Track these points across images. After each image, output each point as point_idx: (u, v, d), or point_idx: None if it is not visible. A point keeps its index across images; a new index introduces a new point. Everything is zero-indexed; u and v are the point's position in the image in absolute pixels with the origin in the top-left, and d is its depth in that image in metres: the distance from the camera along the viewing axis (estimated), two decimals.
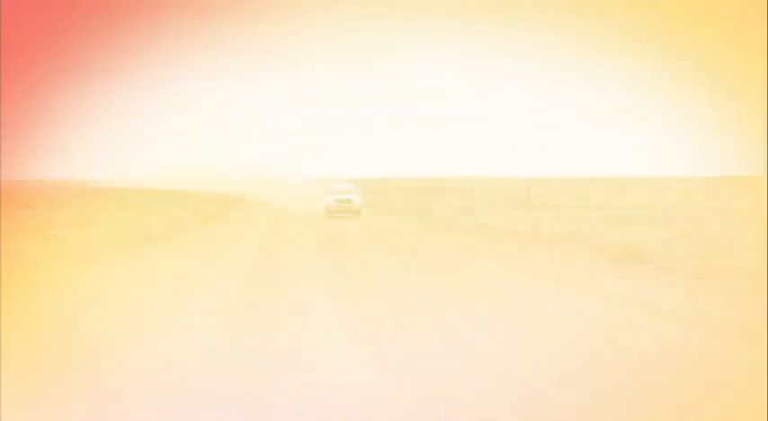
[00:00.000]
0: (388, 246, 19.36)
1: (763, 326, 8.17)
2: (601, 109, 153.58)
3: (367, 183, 40.20)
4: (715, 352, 7.10)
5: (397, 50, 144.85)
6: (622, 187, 70.33)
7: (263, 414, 5.35)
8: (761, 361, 6.69)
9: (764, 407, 5.41)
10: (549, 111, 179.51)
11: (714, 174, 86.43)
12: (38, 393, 5.81)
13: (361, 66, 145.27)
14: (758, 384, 5.95)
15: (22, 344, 7.49)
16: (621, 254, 13.50)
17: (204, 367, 6.67)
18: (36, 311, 9.34)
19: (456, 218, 27.31)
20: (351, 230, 25.90)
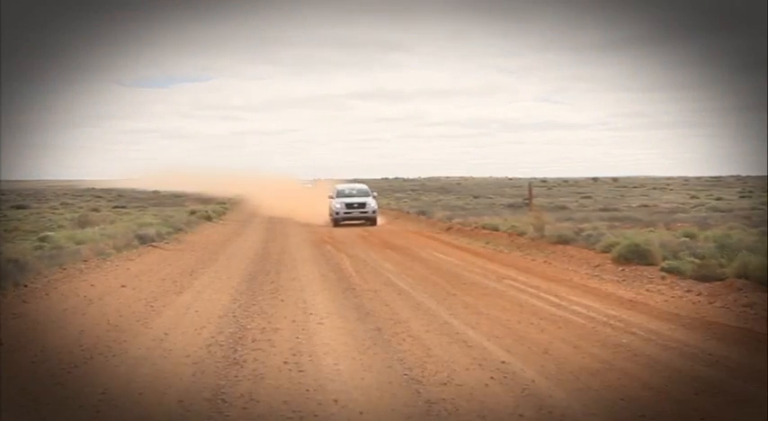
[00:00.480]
0: (385, 247, 19.39)
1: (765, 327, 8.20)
2: (603, 109, 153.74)
3: (366, 183, 39.91)
4: (717, 353, 7.11)
5: (396, 49, 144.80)
6: (625, 188, 70.35)
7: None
8: (762, 362, 6.73)
9: (765, 407, 5.44)
10: (551, 112, 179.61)
11: (719, 174, 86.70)
12: (36, 395, 5.82)
13: (359, 64, 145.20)
14: (759, 385, 5.98)
15: (18, 347, 7.50)
16: (625, 255, 13.51)
17: (203, 371, 6.69)
18: (31, 313, 9.35)
19: (457, 218, 27.32)
20: (348, 231, 25.90)
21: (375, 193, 32.07)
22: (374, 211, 30.04)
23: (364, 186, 32.66)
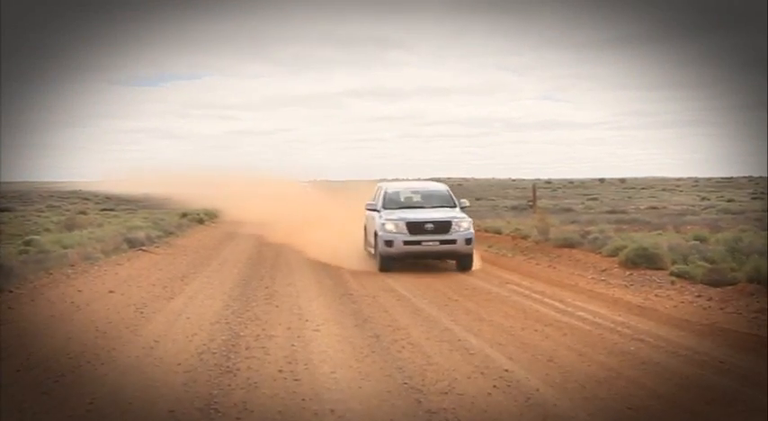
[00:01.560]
0: None
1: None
2: (605, 108, 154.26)
3: (364, 185, 38.94)
4: (729, 361, 7.12)
5: (395, 47, 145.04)
6: (633, 189, 70.42)
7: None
8: (762, 364, 6.76)
9: (765, 409, 5.47)
10: (554, 111, 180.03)
11: (730, 175, 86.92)
12: (22, 405, 5.82)
13: (358, 62, 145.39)
14: (759, 388, 6.00)
15: (3, 355, 7.50)
16: (632, 259, 13.53)
17: (194, 380, 6.69)
18: (17, 320, 9.34)
19: None
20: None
21: (465, 202, 16.95)
22: (469, 240, 15.05)
23: (441, 187, 17.81)
